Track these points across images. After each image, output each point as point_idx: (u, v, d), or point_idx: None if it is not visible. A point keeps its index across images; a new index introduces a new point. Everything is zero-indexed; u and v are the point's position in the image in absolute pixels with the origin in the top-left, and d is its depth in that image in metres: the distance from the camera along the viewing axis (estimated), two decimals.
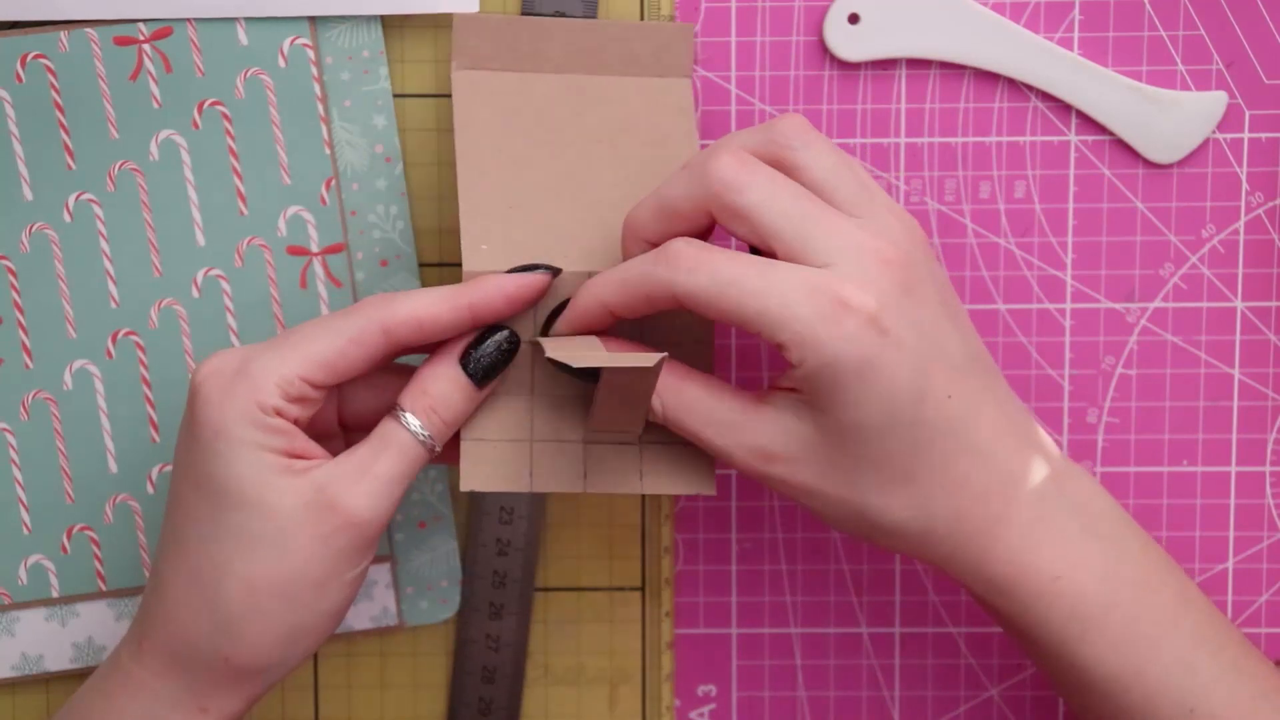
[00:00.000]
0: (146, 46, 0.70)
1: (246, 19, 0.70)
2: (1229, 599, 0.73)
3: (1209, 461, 0.73)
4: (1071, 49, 0.71)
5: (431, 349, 0.62)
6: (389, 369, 0.65)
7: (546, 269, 0.62)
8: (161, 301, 0.71)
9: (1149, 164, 0.71)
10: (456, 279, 0.66)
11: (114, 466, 0.72)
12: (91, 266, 0.71)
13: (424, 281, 0.72)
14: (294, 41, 0.70)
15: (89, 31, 0.70)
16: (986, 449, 0.61)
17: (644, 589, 0.74)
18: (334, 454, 0.62)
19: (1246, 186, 0.71)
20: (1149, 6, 0.71)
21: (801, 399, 0.60)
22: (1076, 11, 0.71)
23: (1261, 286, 0.72)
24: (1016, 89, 0.71)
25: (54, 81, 0.70)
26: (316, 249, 0.71)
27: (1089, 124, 0.71)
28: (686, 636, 0.74)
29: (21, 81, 0.70)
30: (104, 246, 0.71)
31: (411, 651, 0.74)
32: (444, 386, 0.61)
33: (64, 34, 0.70)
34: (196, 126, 0.71)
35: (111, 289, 0.71)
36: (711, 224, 0.61)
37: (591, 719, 0.74)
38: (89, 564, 0.72)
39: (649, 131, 0.68)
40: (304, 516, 0.59)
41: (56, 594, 0.72)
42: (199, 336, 0.71)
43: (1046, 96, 0.71)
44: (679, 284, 0.59)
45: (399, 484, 0.60)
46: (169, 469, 0.71)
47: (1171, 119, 0.71)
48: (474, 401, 0.61)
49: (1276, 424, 0.73)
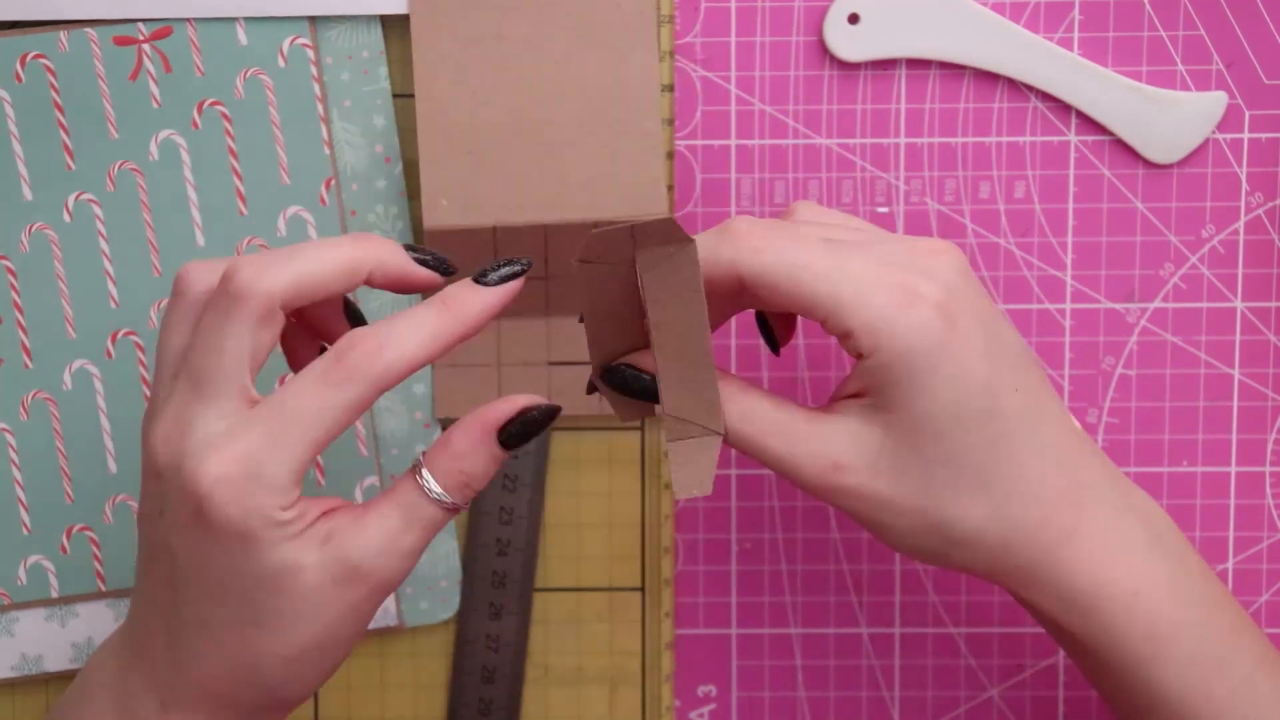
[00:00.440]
0: (146, 46, 0.70)
1: (246, 19, 0.70)
2: None
3: (1209, 462, 0.73)
4: (1071, 49, 0.71)
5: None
6: None
7: (522, 266, 0.60)
8: (161, 301, 0.71)
9: (1149, 164, 0.71)
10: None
11: (113, 466, 0.72)
12: (91, 266, 0.71)
13: None
14: (294, 41, 0.70)
15: (89, 31, 0.70)
16: (1056, 450, 0.59)
17: (644, 589, 0.74)
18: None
19: (1246, 187, 0.71)
20: (1149, 7, 0.71)
21: (869, 403, 0.59)
22: (1076, 11, 0.71)
23: (1261, 287, 0.72)
24: (1016, 89, 0.71)
25: (54, 81, 0.70)
26: None
27: (1089, 124, 0.71)
28: (686, 636, 0.74)
29: (21, 81, 0.70)
30: (104, 246, 0.71)
31: (411, 652, 0.74)
32: (469, 448, 0.59)
33: (64, 34, 0.70)
34: (196, 126, 0.71)
35: (111, 289, 0.71)
36: (736, 296, 0.60)
37: (591, 719, 0.74)
38: (88, 564, 0.72)
39: (610, 47, 0.68)
40: (333, 591, 0.58)
41: (56, 594, 0.72)
42: None
43: (1046, 97, 0.71)
44: (744, 264, 0.57)
45: (422, 546, 0.60)
46: None
47: (1171, 119, 0.71)
48: (499, 464, 0.60)
49: (1276, 424, 0.73)
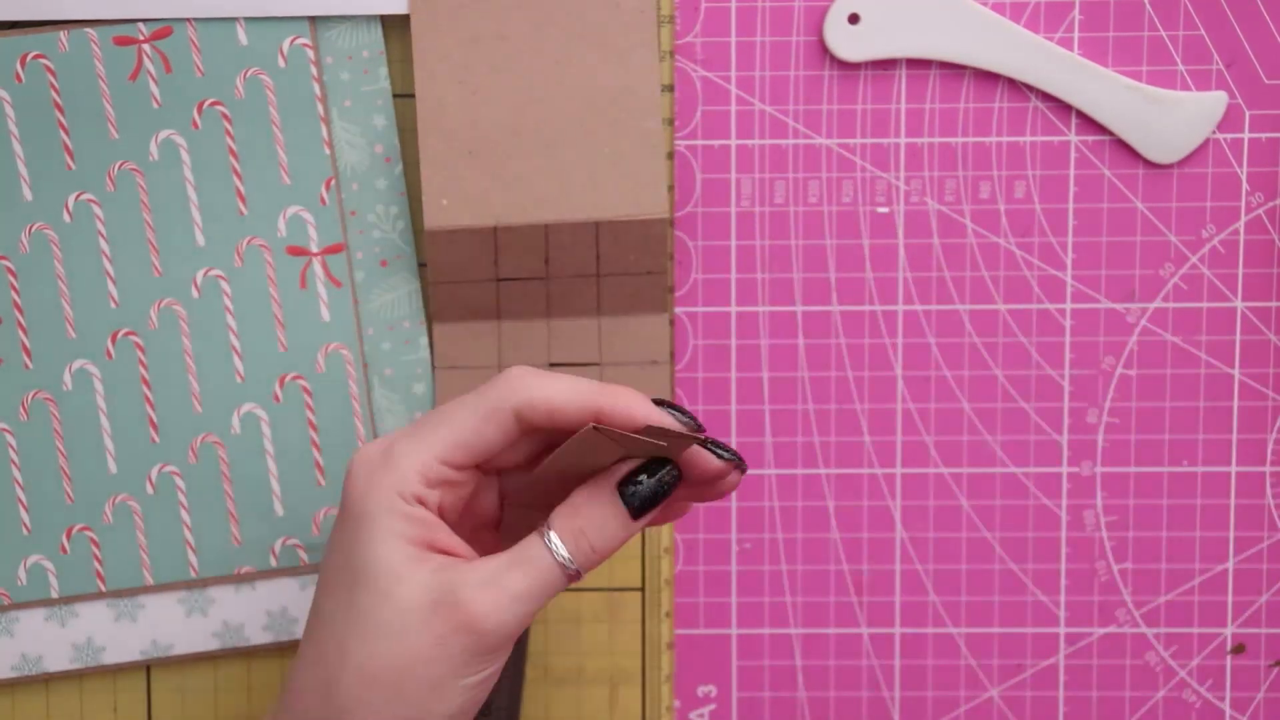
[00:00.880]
0: (146, 46, 0.70)
1: (246, 19, 0.70)
2: (1229, 599, 0.73)
3: (1209, 462, 0.73)
4: (1072, 49, 0.71)
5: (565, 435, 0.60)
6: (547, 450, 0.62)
7: (687, 421, 0.59)
8: (161, 301, 0.71)
9: (1149, 164, 0.71)
10: None
11: (113, 466, 0.72)
12: (91, 266, 0.71)
13: (422, 281, 0.72)
14: (294, 41, 0.70)
15: (89, 31, 0.70)
16: None
17: (644, 589, 0.74)
18: (500, 543, 0.61)
19: (1247, 186, 0.71)
20: (1149, 6, 0.71)
21: None
22: (1077, 11, 0.71)
23: (1262, 286, 0.72)
24: (1017, 89, 0.71)
25: (54, 81, 0.70)
26: (316, 249, 0.71)
27: (1089, 124, 0.71)
28: (686, 637, 0.74)
29: (21, 81, 0.70)
30: (103, 246, 0.71)
31: None
32: (598, 514, 0.58)
33: (64, 34, 0.70)
34: (196, 126, 0.71)
35: (111, 289, 0.71)
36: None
37: (591, 719, 0.74)
38: (88, 564, 0.72)
39: (610, 47, 0.68)
40: (426, 613, 0.57)
41: (56, 594, 0.72)
42: (198, 336, 0.71)
43: (1047, 97, 0.71)
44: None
45: (530, 601, 0.58)
46: (169, 469, 0.71)
47: (1172, 119, 0.71)
48: (629, 531, 0.59)
49: (1276, 424, 0.73)
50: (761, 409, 0.72)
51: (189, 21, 0.70)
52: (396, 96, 0.71)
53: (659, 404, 0.59)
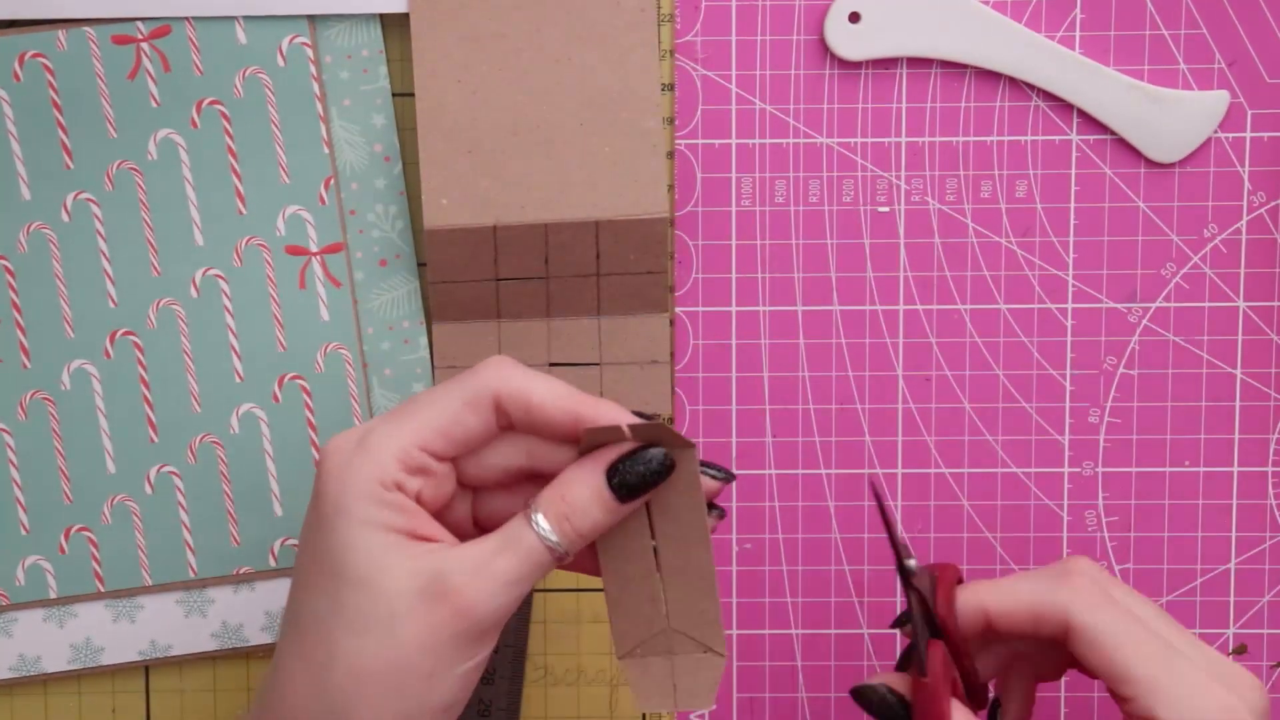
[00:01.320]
0: (145, 45, 0.70)
1: (245, 18, 0.70)
2: (1231, 599, 0.73)
3: (1211, 462, 0.72)
4: (1073, 48, 0.71)
5: (540, 435, 0.59)
6: (532, 479, 0.61)
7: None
8: (160, 301, 0.71)
9: (1151, 163, 0.71)
10: None
11: (112, 467, 0.71)
12: (89, 266, 0.71)
13: (422, 280, 0.71)
14: (293, 40, 0.70)
15: (87, 30, 0.70)
16: None
17: None
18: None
19: (1248, 186, 0.71)
20: (1151, 5, 0.70)
21: None
22: (1078, 10, 0.71)
23: (1264, 286, 0.72)
24: (1018, 88, 0.71)
25: (52, 80, 0.70)
26: (315, 248, 0.71)
27: (1090, 123, 0.71)
28: None
29: (19, 81, 0.70)
30: (102, 246, 0.71)
31: None
32: (583, 495, 0.57)
33: (62, 33, 0.70)
34: (195, 126, 0.70)
35: (110, 289, 0.71)
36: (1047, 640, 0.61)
37: (591, 719, 0.74)
38: (87, 565, 0.72)
39: (610, 46, 0.68)
40: (415, 601, 0.56)
41: (54, 595, 0.72)
42: (197, 336, 0.71)
43: (1048, 96, 0.71)
44: (1077, 614, 0.59)
45: (518, 585, 0.57)
46: (167, 469, 0.71)
47: (1173, 118, 0.70)
48: (614, 516, 0.58)
49: (1278, 424, 0.72)
50: (762, 409, 0.72)
51: (188, 20, 0.70)
52: (396, 96, 0.71)
53: (642, 418, 0.59)
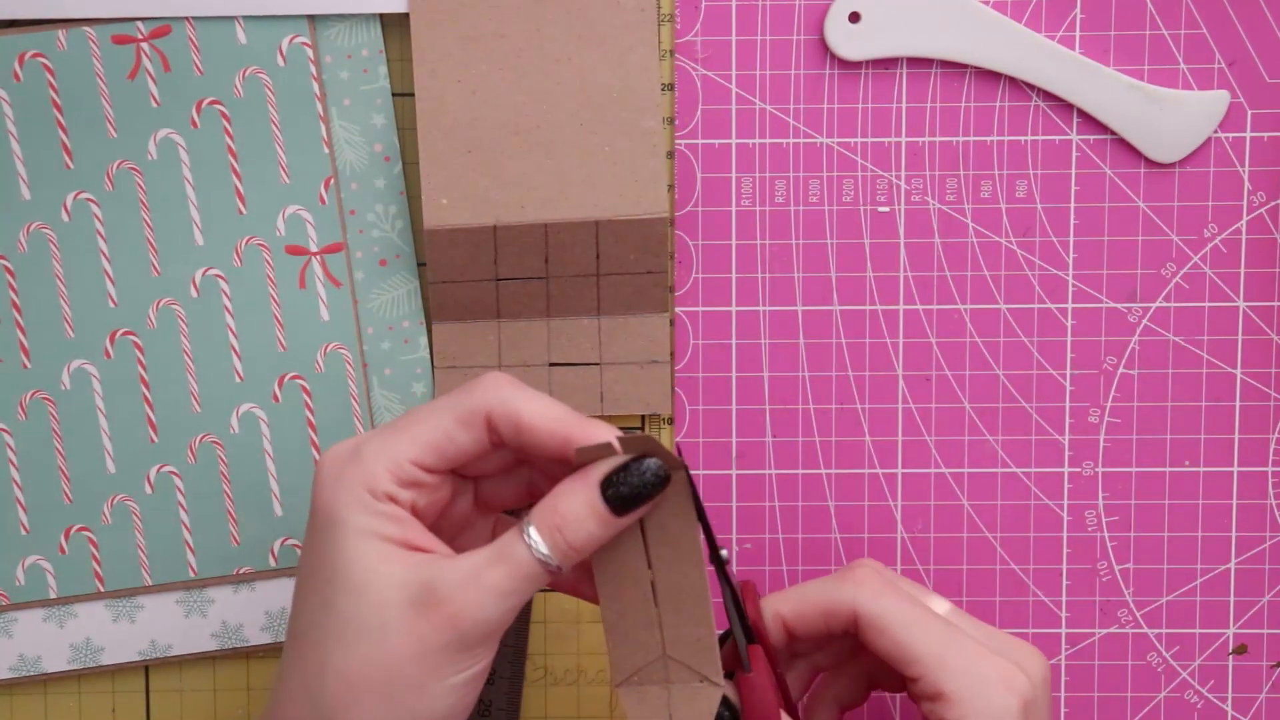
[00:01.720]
0: (145, 45, 0.70)
1: (245, 17, 0.70)
2: (1231, 599, 0.73)
3: (1211, 462, 0.72)
4: (1073, 48, 0.71)
5: (530, 454, 0.60)
6: (529, 466, 0.62)
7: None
8: (160, 301, 0.71)
9: (1151, 163, 0.71)
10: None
11: (112, 467, 0.71)
12: (89, 266, 0.71)
13: (422, 280, 0.71)
14: (293, 40, 0.70)
15: (87, 30, 0.70)
16: None
17: None
18: (476, 544, 0.60)
19: (1249, 185, 0.71)
20: (1151, 5, 0.70)
21: None
22: (1078, 10, 0.70)
23: (1264, 286, 0.72)
24: (1018, 88, 0.71)
25: (52, 80, 0.70)
26: (315, 248, 0.71)
27: (1090, 123, 0.71)
28: None
29: (19, 80, 0.70)
30: (102, 246, 0.71)
31: None
32: (577, 508, 0.57)
33: (62, 33, 0.70)
34: (195, 125, 0.70)
35: (109, 288, 0.71)
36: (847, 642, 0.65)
37: (591, 719, 0.74)
38: (87, 565, 0.72)
39: (610, 45, 0.68)
40: (405, 611, 0.56)
41: (54, 595, 0.72)
42: (197, 336, 0.71)
43: (1048, 95, 0.71)
44: (862, 602, 0.62)
45: (510, 597, 0.57)
46: (167, 469, 0.71)
47: (1173, 118, 0.70)
48: (608, 529, 0.58)
49: (1278, 424, 0.72)
50: (762, 409, 0.72)
51: (188, 20, 0.70)
52: (395, 95, 0.71)
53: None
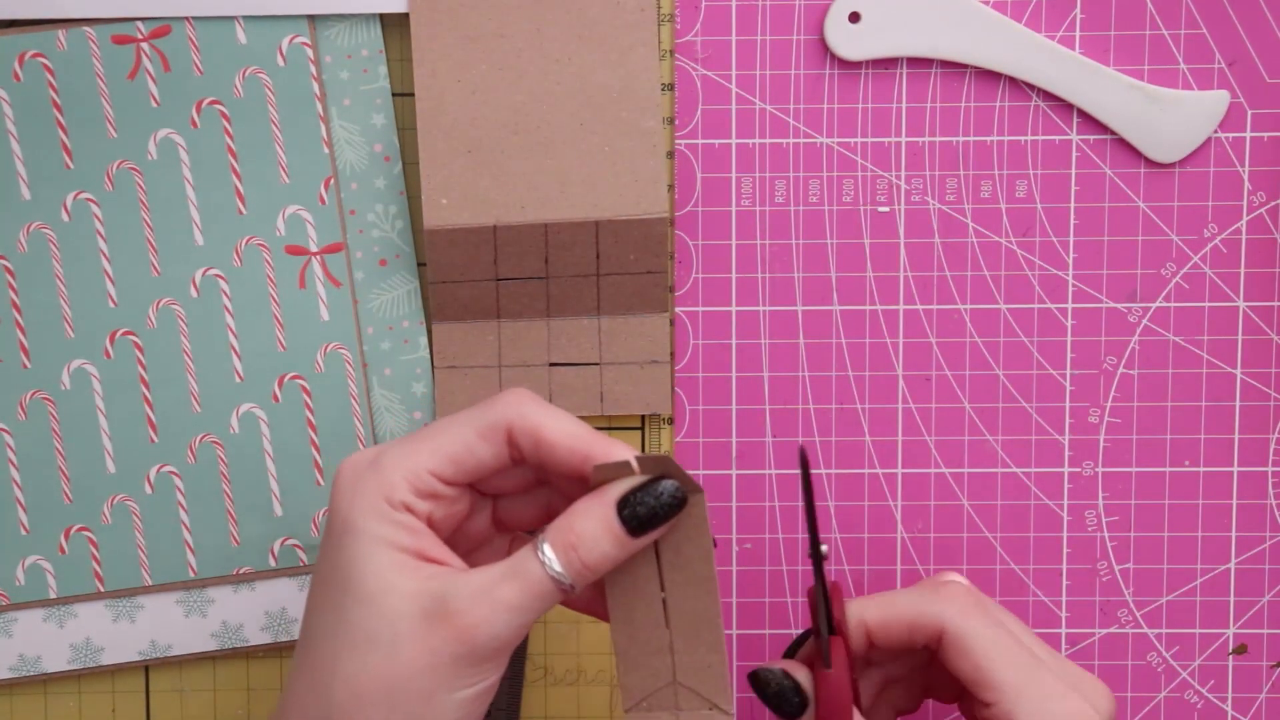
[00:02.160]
0: (145, 45, 0.70)
1: (245, 18, 0.70)
2: (1231, 599, 0.73)
3: (1211, 462, 0.72)
4: (1073, 48, 0.71)
5: (550, 471, 0.60)
6: (548, 486, 0.62)
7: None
8: (160, 301, 0.71)
9: (1151, 163, 0.71)
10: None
11: (112, 466, 0.71)
12: (89, 266, 0.71)
13: (422, 280, 0.71)
14: (293, 40, 0.70)
15: (87, 30, 0.70)
16: None
17: None
18: (491, 563, 0.60)
19: (1249, 185, 0.71)
20: (1151, 5, 0.70)
21: None
22: (1078, 10, 0.70)
23: (1264, 286, 0.72)
24: (1018, 88, 0.71)
25: (52, 80, 0.70)
26: (315, 248, 0.71)
27: (1091, 123, 0.71)
28: None
29: (19, 80, 0.70)
30: (102, 246, 0.71)
31: None
32: (592, 527, 0.57)
33: (62, 33, 0.70)
34: (195, 125, 0.70)
35: (109, 288, 0.71)
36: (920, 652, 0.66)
37: (591, 719, 0.74)
38: (87, 565, 0.72)
39: (610, 45, 0.68)
40: (417, 623, 0.56)
41: (54, 595, 0.72)
42: (197, 336, 0.71)
43: (1048, 95, 0.71)
44: (951, 620, 0.62)
45: (522, 614, 0.57)
46: (167, 469, 0.71)
47: (1173, 118, 0.70)
48: (623, 550, 0.57)
49: (1278, 424, 0.72)
50: (762, 409, 0.72)
51: (188, 20, 0.70)
52: (396, 95, 0.71)
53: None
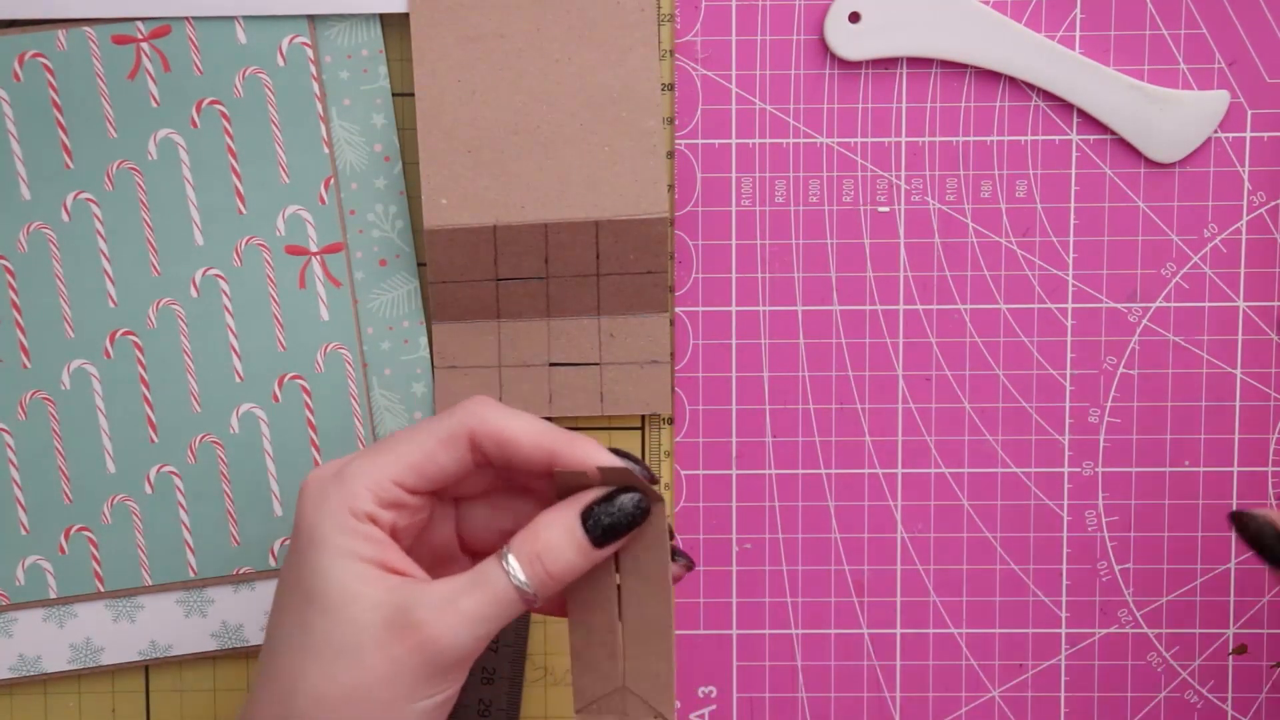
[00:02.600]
0: (145, 45, 0.70)
1: (245, 18, 0.70)
2: (1231, 599, 0.73)
3: (1211, 462, 0.72)
4: (1073, 48, 0.71)
5: (521, 472, 0.60)
6: (510, 491, 0.63)
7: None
8: (160, 301, 0.71)
9: (1151, 163, 0.71)
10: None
11: (112, 466, 0.71)
12: (89, 266, 0.71)
13: (422, 280, 0.71)
14: (293, 40, 0.70)
15: (87, 30, 0.70)
16: None
17: None
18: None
19: (1248, 185, 0.71)
20: (1151, 5, 0.70)
21: None
22: (1078, 10, 0.70)
23: (1264, 286, 0.72)
24: (1018, 88, 0.71)
25: (52, 80, 0.70)
26: (315, 248, 0.71)
27: (1090, 123, 0.71)
28: (687, 637, 0.73)
29: (19, 80, 0.70)
30: (102, 246, 0.71)
31: None
32: (557, 536, 0.58)
33: (62, 33, 0.70)
34: (195, 125, 0.70)
35: (109, 288, 0.71)
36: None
37: None
38: (87, 564, 0.72)
39: (610, 45, 0.68)
40: (380, 632, 0.56)
41: (54, 594, 0.72)
42: (197, 336, 0.71)
43: (1048, 95, 0.71)
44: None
45: (486, 624, 0.57)
46: (167, 469, 0.71)
47: (1173, 118, 0.70)
48: (587, 560, 0.58)
49: (1278, 424, 0.72)
50: (762, 409, 0.72)
51: (188, 20, 0.70)
52: (396, 95, 0.71)
53: (618, 455, 0.59)
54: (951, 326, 0.72)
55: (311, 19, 0.70)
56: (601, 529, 0.58)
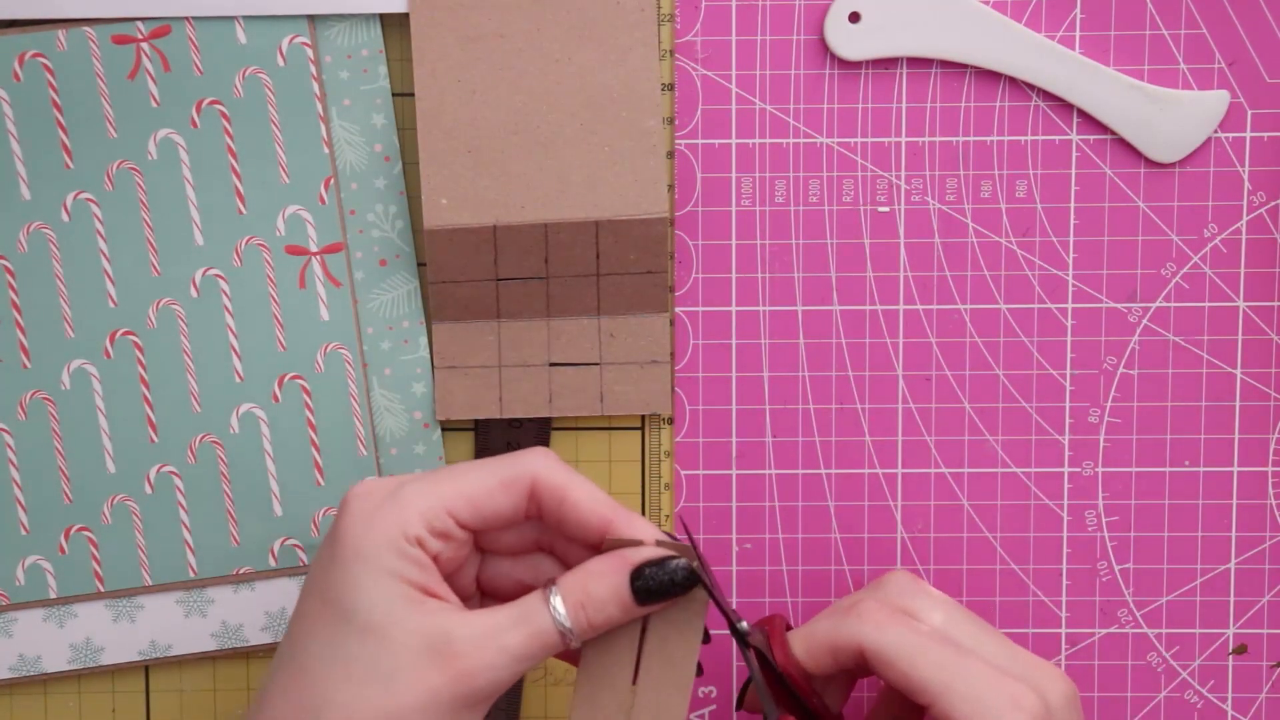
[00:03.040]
0: (145, 45, 0.70)
1: (245, 18, 0.70)
2: (1231, 599, 0.73)
3: (1211, 462, 0.72)
4: (1073, 48, 0.71)
5: (567, 532, 0.60)
6: (539, 545, 0.63)
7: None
8: (160, 301, 0.71)
9: (1151, 163, 0.71)
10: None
11: (112, 466, 0.71)
12: (89, 266, 0.71)
13: (422, 280, 0.71)
14: (293, 40, 0.70)
15: (87, 30, 0.70)
16: None
17: None
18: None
19: (1248, 185, 0.71)
20: (1151, 5, 0.70)
21: None
22: (1078, 10, 0.70)
23: (1264, 286, 0.72)
24: (1018, 88, 0.71)
25: (52, 80, 0.70)
26: (315, 248, 0.71)
27: (1090, 123, 0.71)
28: None
29: (19, 81, 0.70)
30: (102, 246, 0.71)
31: None
32: (604, 589, 0.58)
33: (62, 33, 0.70)
34: (195, 125, 0.70)
35: (109, 288, 0.71)
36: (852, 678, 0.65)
37: None
38: (87, 565, 0.72)
39: (610, 45, 0.68)
40: (420, 659, 0.56)
41: (54, 595, 0.72)
42: (197, 336, 0.71)
43: (1048, 95, 0.71)
44: (868, 637, 0.61)
45: (522, 661, 0.58)
46: (167, 469, 0.71)
47: (1173, 118, 0.70)
48: (626, 616, 0.59)
49: (1278, 424, 0.72)
50: (762, 409, 0.72)
51: (188, 20, 0.70)
52: (396, 95, 0.71)
53: (670, 537, 0.60)
54: (951, 326, 0.72)
55: (311, 19, 0.70)
56: (648, 589, 0.58)
